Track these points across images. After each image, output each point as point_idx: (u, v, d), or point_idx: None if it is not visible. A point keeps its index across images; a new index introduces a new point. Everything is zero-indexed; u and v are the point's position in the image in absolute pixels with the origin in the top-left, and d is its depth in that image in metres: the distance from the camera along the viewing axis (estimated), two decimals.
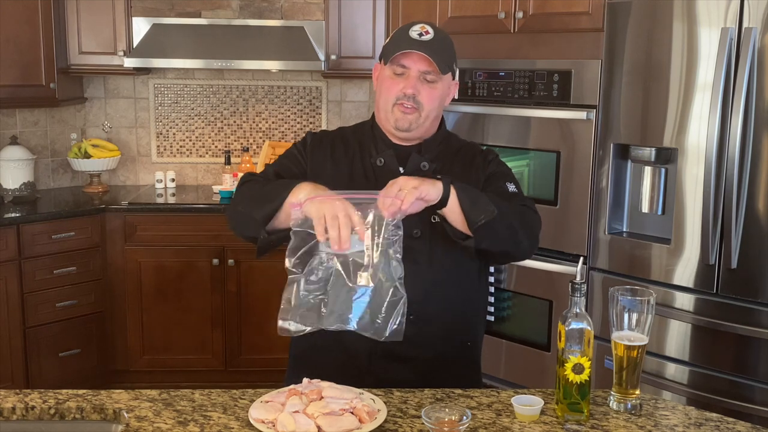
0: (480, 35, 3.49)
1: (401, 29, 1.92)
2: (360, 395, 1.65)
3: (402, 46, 1.87)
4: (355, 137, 2.01)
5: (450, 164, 1.96)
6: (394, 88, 1.90)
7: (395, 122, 1.91)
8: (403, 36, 1.89)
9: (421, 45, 1.86)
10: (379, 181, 1.81)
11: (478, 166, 1.98)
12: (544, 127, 3.28)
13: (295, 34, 4.29)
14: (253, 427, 1.56)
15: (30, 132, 4.43)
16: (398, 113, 1.90)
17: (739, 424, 1.64)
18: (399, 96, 1.89)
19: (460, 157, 2.00)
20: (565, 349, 1.61)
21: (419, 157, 1.94)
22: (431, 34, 1.89)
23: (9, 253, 3.70)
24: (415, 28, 1.89)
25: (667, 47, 2.84)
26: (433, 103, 1.92)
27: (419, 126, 1.92)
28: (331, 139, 2.01)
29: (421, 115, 1.90)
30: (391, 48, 1.91)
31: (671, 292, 2.89)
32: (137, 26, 4.24)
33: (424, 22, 1.94)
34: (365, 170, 1.94)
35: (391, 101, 1.90)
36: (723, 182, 2.70)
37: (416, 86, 1.88)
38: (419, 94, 1.89)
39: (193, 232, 4.04)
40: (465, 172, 1.95)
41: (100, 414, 1.67)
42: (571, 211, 3.22)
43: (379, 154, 1.94)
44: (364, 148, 1.97)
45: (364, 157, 1.96)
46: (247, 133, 4.69)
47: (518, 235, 1.87)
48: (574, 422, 1.62)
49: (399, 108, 1.89)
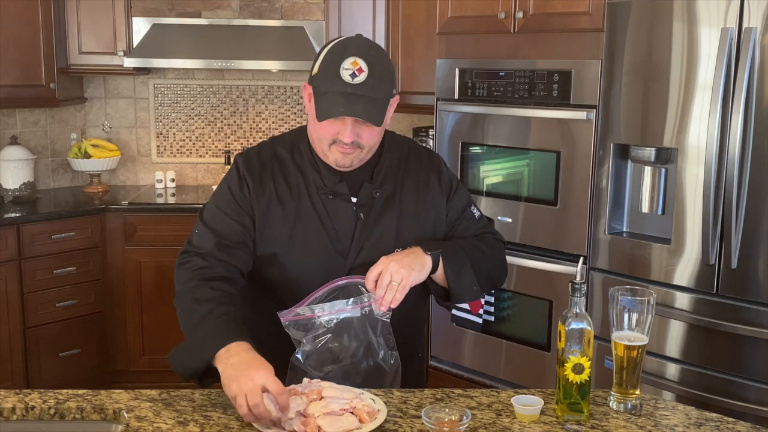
0: (480, 35, 3.49)
1: (332, 62, 1.70)
2: (360, 395, 1.65)
3: (333, 104, 1.68)
4: (294, 163, 1.84)
5: (401, 187, 1.87)
6: (330, 129, 1.73)
7: (335, 161, 1.77)
8: (334, 78, 1.68)
9: (354, 98, 1.67)
10: (332, 217, 1.80)
11: (434, 188, 1.91)
12: (544, 127, 3.27)
13: (295, 34, 4.29)
14: (253, 427, 1.56)
15: (30, 132, 4.43)
16: (337, 154, 1.76)
17: (740, 424, 1.64)
18: (335, 139, 1.74)
19: (411, 177, 1.89)
20: (565, 349, 1.60)
21: (371, 186, 1.84)
22: (365, 72, 1.68)
23: (9, 253, 3.70)
24: (347, 65, 1.68)
25: (667, 47, 2.84)
26: (374, 138, 1.77)
27: (363, 160, 1.80)
28: (270, 171, 1.83)
29: (362, 151, 1.77)
30: (321, 94, 1.71)
31: (671, 292, 2.89)
32: (137, 26, 4.24)
33: (357, 48, 1.71)
34: (315, 205, 1.81)
35: (326, 142, 1.75)
36: (723, 182, 2.70)
37: (354, 132, 1.72)
38: (359, 138, 1.73)
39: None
40: (422, 197, 1.88)
41: (100, 414, 1.67)
42: (571, 211, 3.22)
43: (327, 187, 1.81)
44: (307, 178, 1.82)
45: (310, 190, 1.82)
46: (247, 133, 4.69)
47: (495, 281, 1.96)
48: (574, 422, 1.62)
49: (337, 149, 1.75)
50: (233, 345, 1.60)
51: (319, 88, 1.73)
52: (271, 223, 1.80)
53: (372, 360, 1.75)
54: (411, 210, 1.87)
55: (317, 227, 1.80)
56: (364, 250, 1.81)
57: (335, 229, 1.81)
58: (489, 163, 3.51)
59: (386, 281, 1.70)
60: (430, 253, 1.79)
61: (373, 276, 1.72)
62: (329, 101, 1.70)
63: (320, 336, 1.72)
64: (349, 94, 1.68)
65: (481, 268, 1.88)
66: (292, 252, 1.81)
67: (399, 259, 1.73)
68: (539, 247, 3.34)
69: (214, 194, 1.89)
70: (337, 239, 1.81)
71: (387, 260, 1.73)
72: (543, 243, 3.31)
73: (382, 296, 1.71)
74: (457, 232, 1.94)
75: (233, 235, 1.79)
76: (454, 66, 3.55)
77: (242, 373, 1.53)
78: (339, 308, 1.73)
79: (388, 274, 1.70)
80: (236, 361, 1.57)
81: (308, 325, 1.72)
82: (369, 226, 1.82)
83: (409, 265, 1.73)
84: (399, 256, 1.75)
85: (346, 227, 1.81)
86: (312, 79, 1.76)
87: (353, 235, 1.81)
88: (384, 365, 1.76)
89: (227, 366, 1.57)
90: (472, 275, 1.85)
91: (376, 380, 1.76)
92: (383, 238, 1.83)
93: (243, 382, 1.52)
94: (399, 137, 1.99)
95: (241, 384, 1.52)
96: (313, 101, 1.75)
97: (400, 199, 1.86)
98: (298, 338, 1.73)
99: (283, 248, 1.81)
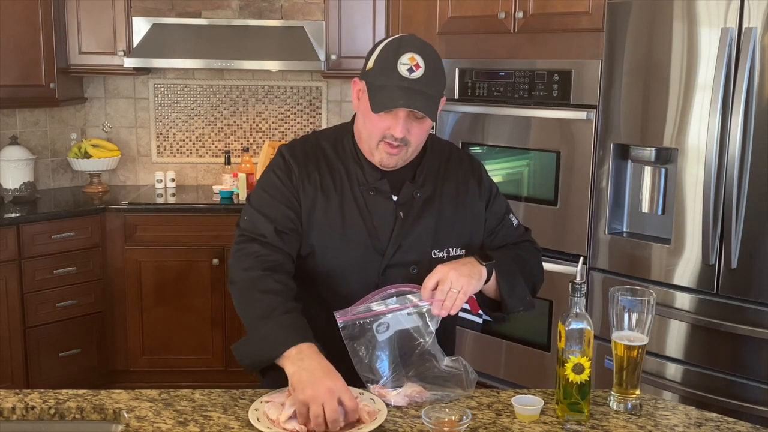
0: (480, 35, 3.49)
1: (389, 58, 1.72)
2: (360, 395, 1.65)
3: (391, 97, 1.69)
4: (337, 157, 1.85)
5: (441, 190, 1.88)
6: (380, 125, 1.74)
7: (380, 161, 1.78)
8: (391, 72, 1.70)
9: (411, 92, 1.69)
10: (372, 213, 1.81)
11: (474, 193, 1.92)
12: (544, 127, 3.27)
13: (295, 34, 4.29)
14: (253, 427, 1.56)
15: (30, 132, 4.43)
16: (383, 153, 1.76)
17: (740, 424, 1.64)
18: (385, 135, 1.74)
19: (452, 181, 1.90)
20: (565, 349, 1.61)
21: (413, 186, 1.84)
22: (422, 68, 1.70)
23: (9, 253, 3.70)
24: (404, 60, 1.70)
25: (667, 47, 2.84)
26: (422, 136, 1.79)
27: (406, 160, 1.81)
28: (315, 161, 1.84)
29: (408, 151, 1.78)
30: (377, 88, 1.72)
31: (671, 292, 2.89)
32: (137, 26, 4.24)
33: (414, 45, 1.73)
34: (356, 201, 1.81)
35: (375, 138, 1.76)
36: (723, 182, 2.70)
37: (405, 127, 1.73)
38: (409, 134, 1.74)
39: (193, 232, 4.04)
40: (460, 201, 1.89)
41: (100, 414, 1.67)
42: (571, 211, 3.22)
43: (369, 183, 1.82)
44: (350, 172, 1.83)
45: (353, 185, 1.82)
46: (247, 133, 4.69)
47: (537, 289, 1.96)
48: (574, 422, 1.62)
49: (384, 147, 1.75)
50: (304, 346, 1.61)
51: (374, 82, 1.73)
52: (315, 213, 1.81)
53: (436, 368, 1.76)
54: (449, 213, 1.87)
55: (357, 222, 1.81)
56: (402, 248, 1.81)
57: (374, 226, 1.81)
58: (489, 163, 3.51)
59: (447, 287, 1.70)
60: (485, 264, 1.78)
61: (431, 285, 1.71)
62: (386, 94, 1.70)
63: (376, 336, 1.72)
64: (406, 88, 1.69)
65: (527, 279, 1.89)
66: (331, 244, 1.81)
67: (457, 267, 1.73)
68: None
69: (259, 181, 1.89)
70: (375, 235, 1.81)
71: (445, 269, 1.72)
72: (543, 243, 3.27)
73: (442, 300, 1.70)
74: (496, 240, 1.94)
75: (287, 222, 1.80)
76: (454, 66, 3.55)
77: (319, 382, 1.54)
78: (394, 306, 1.72)
79: (448, 282, 1.70)
80: (310, 365, 1.58)
81: (363, 329, 1.71)
82: (408, 225, 1.82)
83: (468, 273, 1.73)
84: (456, 264, 1.75)
85: (386, 224, 1.81)
86: (365, 74, 1.76)
87: (392, 232, 1.81)
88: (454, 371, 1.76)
89: (301, 369, 1.57)
90: (524, 286, 1.86)
91: (449, 384, 1.75)
92: (421, 238, 1.83)
93: (321, 392, 1.52)
94: (442, 140, 2.01)
95: (318, 393, 1.52)
96: (364, 96, 1.76)
97: (440, 201, 1.86)
98: (352, 343, 1.72)
99: (323, 240, 1.81)
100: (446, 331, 1.89)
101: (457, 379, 1.75)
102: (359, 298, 1.74)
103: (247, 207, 1.85)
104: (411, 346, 1.74)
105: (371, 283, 1.79)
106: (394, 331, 1.72)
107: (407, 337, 1.74)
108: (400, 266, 1.80)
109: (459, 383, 1.75)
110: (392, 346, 1.73)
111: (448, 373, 1.75)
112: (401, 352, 1.73)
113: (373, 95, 1.73)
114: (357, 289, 1.78)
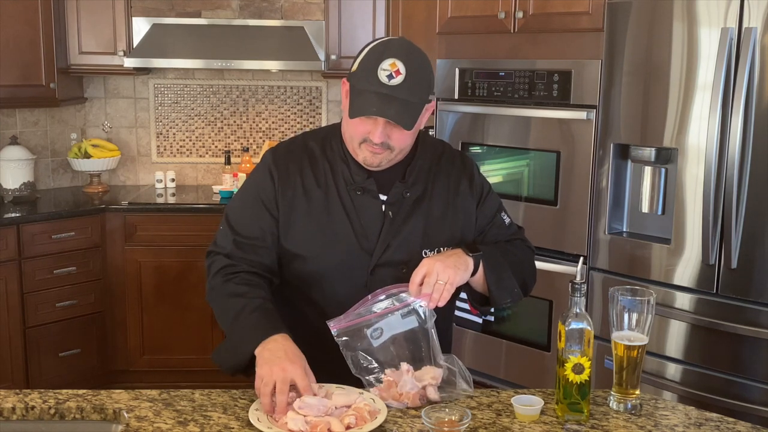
0: (480, 35, 3.49)
1: (371, 62, 1.69)
2: (360, 395, 1.65)
3: (366, 103, 1.68)
4: (324, 157, 1.84)
5: (432, 189, 1.86)
6: (360, 128, 1.73)
7: (364, 159, 1.77)
8: (371, 78, 1.68)
9: (388, 99, 1.66)
10: (359, 213, 1.80)
11: (465, 192, 1.90)
12: (544, 127, 3.28)
13: (295, 34, 4.29)
14: (253, 427, 1.56)
15: (30, 132, 4.43)
16: (366, 152, 1.75)
17: (740, 424, 1.64)
18: (366, 138, 1.73)
19: (443, 180, 1.89)
20: (565, 349, 1.61)
21: (403, 186, 1.83)
22: (402, 75, 1.67)
23: (9, 253, 3.70)
24: (385, 66, 1.67)
25: (667, 47, 2.84)
26: (405, 141, 1.76)
27: (391, 161, 1.79)
28: (298, 163, 1.83)
29: (392, 153, 1.76)
30: (357, 92, 1.70)
31: (671, 292, 2.89)
32: (137, 26, 4.24)
33: (399, 50, 1.70)
34: (342, 200, 1.80)
35: (357, 140, 1.75)
36: (723, 182, 2.70)
37: (384, 133, 1.71)
38: (389, 139, 1.72)
39: (193, 232, 4.04)
40: (452, 200, 1.88)
41: (100, 414, 1.67)
42: (571, 211, 3.22)
43: (357, 182, 1.80)
44: (336, 172, 1.82)
45: (339, 184, 1.81)
46: (247, 133, 4.69)
47: (527, 287, 1.94)
48: (574, 422, 1.62)
49: (367, 147, 1.74)
50: (274, 336, 1.66)
51: (355, 85, 1.72)
52: (297, 217, 1.80)
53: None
54: (440, 212, 1.86)
55: (343, 222, 1.80)
56: (391, 248, 1.80)
57: (362, 226, 1.80)
58: (489, 163, 3.51)
59: (433, 280, 1.69)
60: (472, 255, 1.78)
61: (418, 279, 1.70)
62: (363, 100, 1.69)
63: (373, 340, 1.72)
64: (383, 95, 1.67)
65: (516, 273, 1.88)
66: (317, 245, 1.81)
67: (442, 259, 1.73)
68: (539, 247, 3.30)
69: (240, 188, 1.93)
70: (363, 235, 1.80)
71: (431, 261, 1.72)
72: (543, 243, 3.31)
73: (429, 294, 1.70)
74: (487, 238, 1.93)
75: (254, 230, 1.82)
76: (454, 66, 3.55)
77: (277, 362, 1.59)
78: (388, 307, 1.72)
79: (434, 274, 1.69)
80: (274, 347, 1.63)
81: (358, 336, 1.71)
82: (397, 225, 1.81)
83: (454, 264, 1.72)
84: (441, 256, 1.74)
85: (374, 224, 1.81)
86: (350, 76, 1.76)
87: (380, 232, 1.80)
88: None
89: (264, 349, 1.64)
90: (512, 278, 1.85)
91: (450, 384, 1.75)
92: (411, 237, 1.82)
93: (276, 370, 1.58)
94: (433, 139, 2.00)
95: (273, 371, 1.58)
96: (348, 98, 1.75)
97: (430, 201, 1.86)
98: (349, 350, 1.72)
99: (308, 242, 1.81)
100: (439, 330, 1.87)
101: (458, 378, 1.75)
102: (349, 297, 1.74)
103: (223, 218, 1.90)
104: (412, 349, 1.74)
105: (360, 282, 1.79)
106: (389, 336, 1.72)
107: (407, 340, 1.73)
108: (389, 266, 1.80)
109: (462, 380, 1.75)
110: (388, 351, 1.72)
111: (449, 373, 1.75)
112: (401, 360, 1.72)
113: (352, 99, 1.72)
114: (346, 289, 1.78)
